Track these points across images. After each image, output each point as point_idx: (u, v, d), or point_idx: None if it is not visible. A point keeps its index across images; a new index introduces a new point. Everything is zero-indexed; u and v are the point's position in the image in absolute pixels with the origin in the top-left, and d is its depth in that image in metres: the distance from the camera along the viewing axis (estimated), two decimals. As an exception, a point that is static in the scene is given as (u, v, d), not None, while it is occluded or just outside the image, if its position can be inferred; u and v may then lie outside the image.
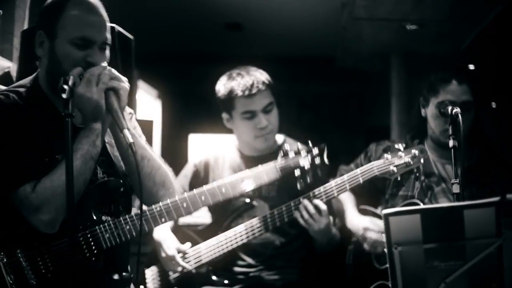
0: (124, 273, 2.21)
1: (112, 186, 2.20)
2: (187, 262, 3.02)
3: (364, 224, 3.07)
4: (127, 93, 2.10)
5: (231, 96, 3.10)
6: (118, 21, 2.75)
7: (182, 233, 3.12)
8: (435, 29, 4.77)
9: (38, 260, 2.04)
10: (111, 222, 2.14)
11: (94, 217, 2.12)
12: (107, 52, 2.18)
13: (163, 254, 3.01)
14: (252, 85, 3.06)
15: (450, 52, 5.20)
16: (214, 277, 3.06)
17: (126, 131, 1.98)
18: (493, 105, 4.41)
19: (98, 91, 2.03)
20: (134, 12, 4.91)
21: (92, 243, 2.10)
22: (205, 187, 2.30)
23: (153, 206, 2.20)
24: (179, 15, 5.40)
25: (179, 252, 3.01)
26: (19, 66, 2.84)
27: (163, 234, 3.07)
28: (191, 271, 3.02)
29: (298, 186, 2.49)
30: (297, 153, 2.52)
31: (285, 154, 2.50)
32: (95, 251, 2.11)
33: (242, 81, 3.08)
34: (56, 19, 2.11)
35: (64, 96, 1.88)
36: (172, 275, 3.05)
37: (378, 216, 3.10)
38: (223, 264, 3.07)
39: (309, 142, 2.56)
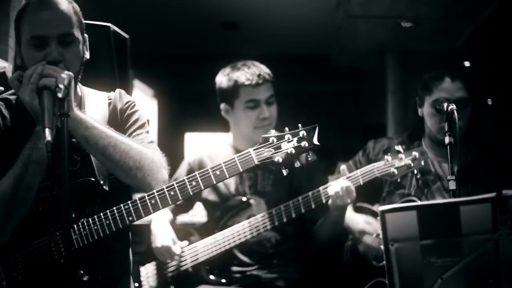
0: (93, 275, 2.15)
1: (87, 186, 2.16)
2: (183, 261, 3.02)
3: (359, 225, 3.07)
4: (63, 84, 1.90)
5: (236, 84, 3.11)
6: (113, 20, 2.74)
7: (178, 230, 3.11)
8: (430, 27, 4.78)
9: (10, 263, 2.08)
10: (79, 223, 2.11)
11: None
12: (79, 46, 2.12)
13: (158, 245, 2.99)
14: (259, 75, 3.10)
15: (446, 49, 5.21)
16: (211, 276, 3.06)
17: (47, 130, 1.83)
18: (489, 102, 4.41)
19: (29, 92, 1.97)
20: (129, 11, 4.91)
21: (61, 246, 2.09)
22: (175, 183, 2.15)
23: (122, 206, 2.11)
24: (175, 14, 5.40)
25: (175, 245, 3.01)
26: (15, 67, 2.83)
27: (160, 226, 3.06)
28: (188, 269, 3.02)
29: (284, 172, 2.23)
30: (281, 137, 2.22)
31: (265, 140, 2.22)
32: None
33: (249, 70, 3.12)
34: (19, 25, 2.11)
35: (59, 95, 1.85)
36: (169, 274, 3.04)
37: (374, 213, 3.10)
38: (220, 263, 3.07)
39: (299, 125, 2.25)
